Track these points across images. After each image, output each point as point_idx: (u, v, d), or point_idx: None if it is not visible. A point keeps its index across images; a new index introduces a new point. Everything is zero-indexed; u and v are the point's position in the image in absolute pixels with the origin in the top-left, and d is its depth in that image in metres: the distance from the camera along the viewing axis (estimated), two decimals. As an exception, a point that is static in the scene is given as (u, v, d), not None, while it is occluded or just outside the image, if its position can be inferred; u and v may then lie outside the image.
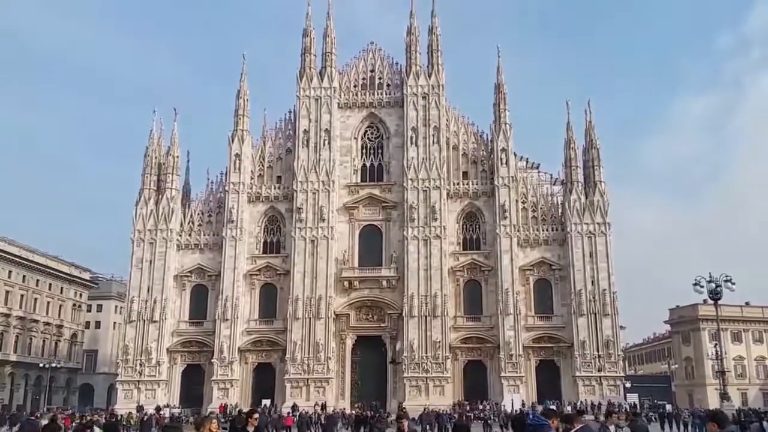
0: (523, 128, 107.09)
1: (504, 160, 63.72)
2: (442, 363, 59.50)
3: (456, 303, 62.36)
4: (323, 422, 45.67)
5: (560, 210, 63.98)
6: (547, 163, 74.59)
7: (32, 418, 28.90)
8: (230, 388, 62.13)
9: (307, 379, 60.79)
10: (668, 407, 57.09)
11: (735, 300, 49.07)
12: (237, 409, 51.40)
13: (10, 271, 79.21)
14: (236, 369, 62.66)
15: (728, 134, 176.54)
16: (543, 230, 63.45)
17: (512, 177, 63.59)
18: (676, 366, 78.81)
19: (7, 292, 78.78)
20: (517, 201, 63.68)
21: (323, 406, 55.47)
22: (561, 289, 62.03)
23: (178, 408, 61.09)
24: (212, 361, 62.72)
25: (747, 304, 76.28)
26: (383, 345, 62.42)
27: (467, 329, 61.99)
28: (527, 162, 67.59)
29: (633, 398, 58.67)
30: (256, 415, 9.99)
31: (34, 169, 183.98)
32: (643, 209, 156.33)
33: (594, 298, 60.24)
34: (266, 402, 59.19)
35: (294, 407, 54.41)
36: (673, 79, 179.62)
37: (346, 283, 63.20)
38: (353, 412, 52.79)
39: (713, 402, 68.73)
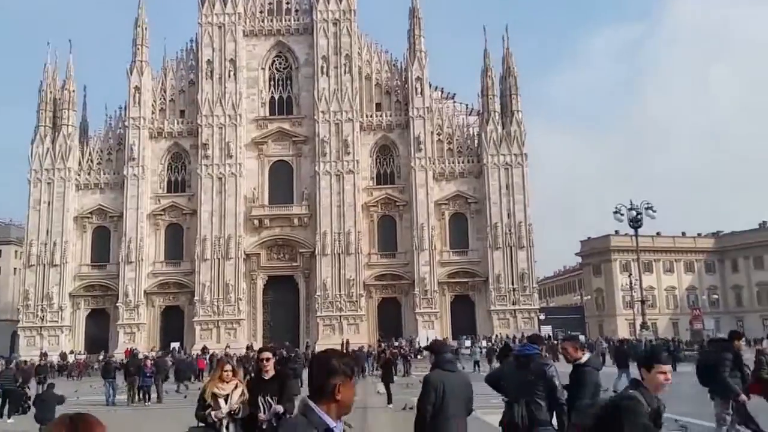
0: (438, 57, 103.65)
1: (419, 90, 61.04)
2: (356, 301, 58.19)
3: (370, 240, 60.66)
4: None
5: (476, 141, 62.23)
6: (463, 94, 72.56)
7: None
8: (137, 332, 59.69)
9: (218, 321, 58.73)
10: (582, 338, 57.50)
11: (646, 231, 49.20)
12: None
13: None
14: (143, 313, 60.10)
15: (640, 65, 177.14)
16: (459, 163, 61.76)
17: (427, 108, 61.09)
18: (588, 297, 79.83)
19: None
20: (432, 133, 61.52)
21: (249, 347, 53.41)
22: (476, 223, 60.92)
23: (83, 354, 58.48)
24: (117, 305, 59.97)
25: (658, 234, 76.97)
26: (296, 284, 60.55)
27: (382, 266, 60.61)
28: (442, 92, 65.36)
29: (547, 330, 58.73)
30: (267, 355, 8.20)
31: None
32: (554, 141, 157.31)
33: (510, 231, 59.41)
34: (175, 345, 57.01)
35: (204, 349, 52.44)
36: (585, 9, 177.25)
37: (256, 222, 60.53)
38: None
39: (623, 332, 70.30)
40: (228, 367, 8.08)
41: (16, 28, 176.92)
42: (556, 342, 42.45)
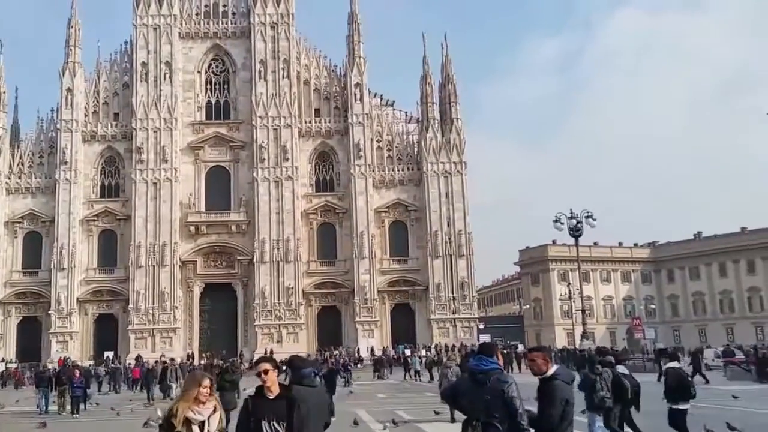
0: (377, 64, 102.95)
1: (358, 96, 60.54)
2: (296, 309, 57.58)
3: (309, 247, 60.14)
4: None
5: (416, 149, 62.14)
6: (402, 101, 72.18)
7: None
8: (70, 341, 58.20)
9: (152, 329, 57.67)
10: (521, 347, 57.55)
11: (584, 240, 49.59)
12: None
13: None
14: (75, 321, 58.65)
15: (577, 76, 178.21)
16: (399, 170, 61.51)
17: (367, 114, 60.62)
18: (527, 307, 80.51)
19: None
20: (372, 140, 61.13)
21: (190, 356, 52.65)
22: (417, 231, 60.78)
23: (15, 363, 56.94)
24: (49, 312, 58.41)
25: (595, 244, 78.14)
26: (234, 293, 59.88)
27: (321, 274, 60.11)
28: (381, 99, 65.04)
29: (485, 339, 59.20)
30: (266, 366, 6.11)
31: None
32: (493, 149, 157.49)
33: (450, 239, 59.42)
34: (109, 354, 55.82)
35: (138, 359, 51.49)
36: (524, 18, 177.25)
37: (192, 229, 59.50)
38: (201, 362, 50.58)
39: (561, 341, 71.42)
40: (207, 382, 6.13)
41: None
42: (506, 351, 42.65)
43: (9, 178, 61.18)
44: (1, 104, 62.30)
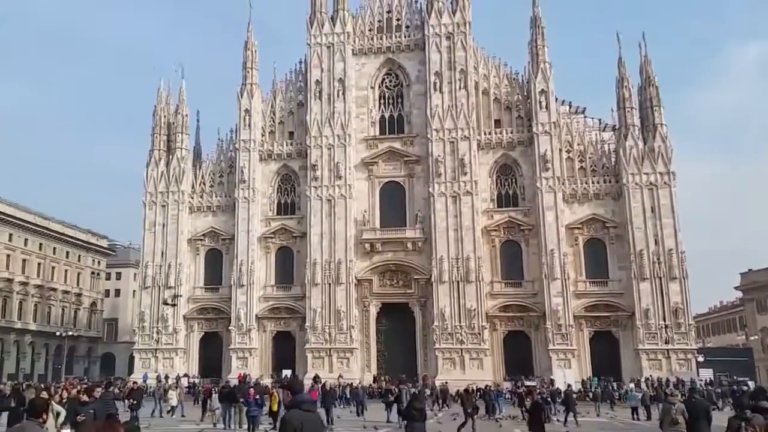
0: (563, 69, 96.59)
1: (543, 104, 56.32)
2: (479, 333, 53.80)
3: (492, 267, 56.20)
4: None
5: (613, 159, 56.42)
6: (592, 108, 66.51)
7: None
8: (249, 357, 58.71)
9: (329, 349, 56.62)
10: (750, 384, 48.27)
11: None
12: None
13: (26, 239, 76.87)
14: (254, 337, 59.13)
15: None
16: (593, 183, 56.00)
17: (554, 123, 56.08)
18: (754, 338, 70.09)
19: (24, 260, 76.50)
20: (560, 150, 56.34)
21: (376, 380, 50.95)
22: (617, 250, 54.68)
23: (197, 377, 58.16)
24: (230, 328, 59.30)
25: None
26: (411, 313, 57.48)
27: (506, 296, 55.87)
28: (570, 106, 60.15)
29: (707, 374, 51.20)
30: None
31: (44, 143, 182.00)
32: (696, 162, 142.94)
33: (658, 259, 52.76)
34: (287, 373, 55.48)
35: (316, 378, 50.50)
36: (722, 23, 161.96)
37: (367, 246, 58.12)
38: (382, 385, 48.47)
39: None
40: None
41: (131, 55, 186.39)
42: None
43: (192, 198, 63.46)
44: (183, 127, 65.08)
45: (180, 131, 64.47)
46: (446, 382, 46.95)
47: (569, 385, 39.79)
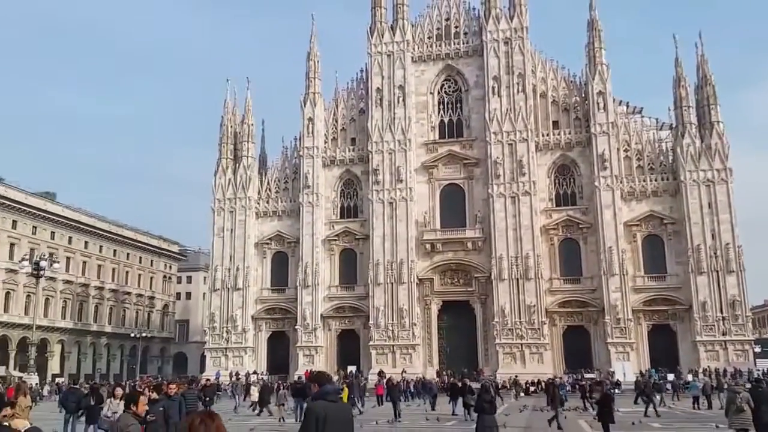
0: (619, 71, 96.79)
1: (601, 105, 57.45)
2: (539, 329, 55.31)
3: (551, 264, 57.65)
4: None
5: (670, 157, 57.26)
6: (649, 108, 66.76)
7: (75, 386, 29.78)
8: (315, 355, 61.05)
9: (392, 345, 58.58)
10: None
11: None
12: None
13: (101, 246, 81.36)
14: (320, 335, 61.49)
15: None
16: (651, 181, 56.92)
17: (611, 123, 57.24)
18: None
19: (99, 266, 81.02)
20: (618, 149, 57.45)
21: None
22: (675, 246, 55.62)
23: (266, 375, 60.67)
24: (296, 327, 61.82)
25: None
26: (471, 310, 59.03)
27: (565, 292, 57.24)
28: (627, 106, 61.04)
29: (765, 364, 51.75)
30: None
31: (123, 153, 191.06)
32: (753, 158, 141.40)
33: (715, 253, 53.59)
34: (352, 369, 57.60)
35: (381, 374, 52.32)
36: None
37: (428, 246, 60.02)
38: (445, 379, 49.92)
39: None
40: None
41: (197, 68, 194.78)
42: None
43: (258, 203, 66.53)
44: (249, 135, 68.23)
45: (246, 140, 67.57)
46: (516, 376, 48.43)
47: (645, 375, 40.24)
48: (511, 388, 45.17)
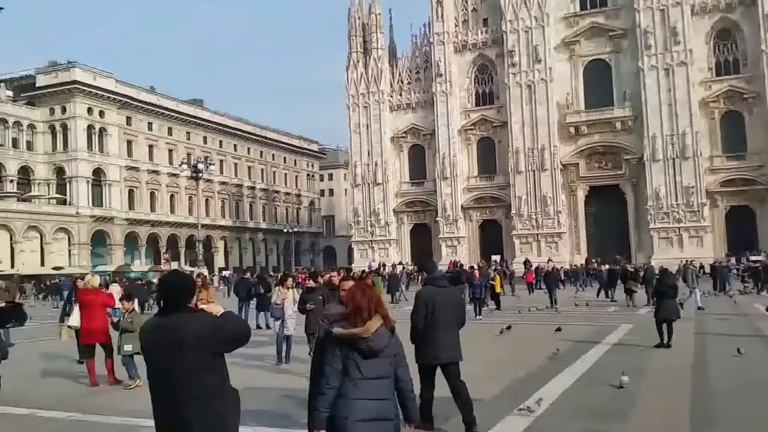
0: None
1: (771, -49, 49.34)
2: (698, 211, 51.44)
3: (711, 140, 52.48)
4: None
5: None
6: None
7: (245, 276, 31.98)
8: (458, 246, 61.53)
9: (537, 234, 57.45)
10: None
11: None
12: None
13: (248, 148, 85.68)
14: (461, 226, 61.60)
15: None
16: (827, 41, 49.02)
17: (781, -26, 49.30)
18: None
19: (249, 167, 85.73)
20: (789, 7, 49.66)
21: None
22: None
23: (411, 265, 62.48)
24: (437, 219, 62.31)
25: None
26: (622, 194, 55.86)
27: (728, 170, 52.29)
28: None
29: None
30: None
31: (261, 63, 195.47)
32: None
33: None
34: (496, 258, 57.55)
35: (526, 262, 51.90)
36: None
37: (571, 129, 56.65)
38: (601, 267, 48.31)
39: None
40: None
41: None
42: None
43: (391, 96, 65.71)
44: (378, 26, 66.46)
45: (374, 31, 65.97)
46: (690, 261, 45.78)
47: None
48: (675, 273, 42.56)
